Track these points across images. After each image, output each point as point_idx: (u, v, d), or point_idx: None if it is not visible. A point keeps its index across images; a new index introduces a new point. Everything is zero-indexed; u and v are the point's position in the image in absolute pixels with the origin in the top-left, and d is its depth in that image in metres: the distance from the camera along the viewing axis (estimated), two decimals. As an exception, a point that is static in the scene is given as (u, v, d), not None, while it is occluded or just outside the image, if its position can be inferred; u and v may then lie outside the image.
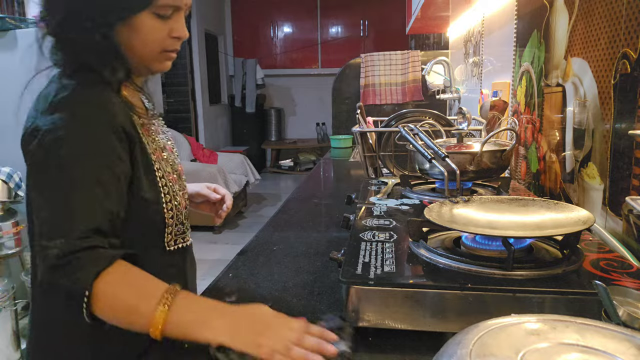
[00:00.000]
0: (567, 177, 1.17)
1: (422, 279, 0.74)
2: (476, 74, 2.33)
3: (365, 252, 0.82)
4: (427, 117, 1.58)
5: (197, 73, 6.34)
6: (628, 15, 0.89)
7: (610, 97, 0.95)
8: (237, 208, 5.08)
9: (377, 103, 3.70)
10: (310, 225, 1.41)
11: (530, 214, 0.82)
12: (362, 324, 0.71)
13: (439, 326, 0.70)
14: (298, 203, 1.70)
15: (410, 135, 1.20)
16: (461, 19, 2.66)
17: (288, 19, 7.47)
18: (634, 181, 0.87)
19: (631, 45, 0.87)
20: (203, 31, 6.45)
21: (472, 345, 0.45)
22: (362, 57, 3.72)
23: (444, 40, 3.64)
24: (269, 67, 7.43)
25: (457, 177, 1.01)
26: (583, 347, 0.45)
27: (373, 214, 1.06)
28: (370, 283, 0.71)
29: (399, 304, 0.70)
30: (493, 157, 1.18)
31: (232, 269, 1.09)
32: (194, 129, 6.45)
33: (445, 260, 0.76)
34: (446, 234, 0.90)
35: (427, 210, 0.85)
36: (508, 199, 0.92)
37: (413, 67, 3.60)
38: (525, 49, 1.50)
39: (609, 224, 0.96)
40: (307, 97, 7.66)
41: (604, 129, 0.98)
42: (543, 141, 1.34)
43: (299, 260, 1.12)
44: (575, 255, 0.76)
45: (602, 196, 1.00)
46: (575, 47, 1.12)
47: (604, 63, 0.98)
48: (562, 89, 1.20)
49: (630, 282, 0.69)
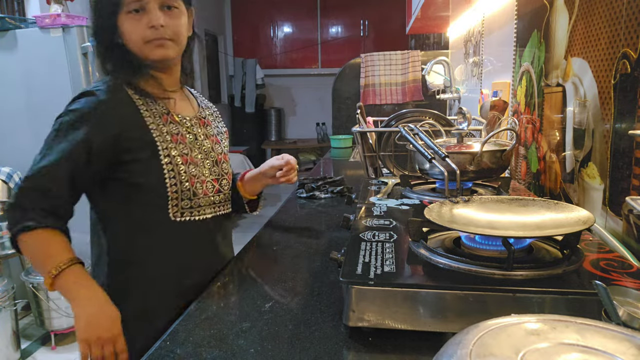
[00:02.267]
0: (567, 177, 1.17)
1: (422, 279, 0.74)
2: (476, 74, 2.33)
3: (365, 252, 0.82)
4: (427, 117, 1.58)
5: (197, 73, 6.33)
6: (628, 15, 0.89)
7: (610, 97, 0.95)
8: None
9: (377, 103, 3.70)
10: (310, 225, 1.41)
11: (530, 214, 0.82)
12: (362, 324, 0.71)
13: (439, 326, 0.70)
14: (298, 203, 1.70)
15: (410, 135, 1.19)
16: (461, 19, 2.66)
17: (288, 19, 7.46)
18: (634, 181, 0.87)
19: (631, 45, 0.87)
20: (203, 31, 6.44)
21: (472, 345, 0.45)
22: (362, 57, 3.72)
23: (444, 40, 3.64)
24: (269, 67, 7.42)
25: (457, 177, 1.01)
26: (583, 347, 0.45)
27: (373, 214, 1.06)
28: (370, 283, 0.71)
29: (399, 304, 0.70)
30: (493, 157, 1.18)
31: (232, 269, 1.09)
32: (194, 129, 6.43)
33: (445, 260, 0.76)
34: (446, 234, 0.90)
35: (427, 210, 0.84)
36: (508, 199, 0.92)
37: (413, 67, 3.60)
38: (526, 48, 1.50)
39: (609, 224, 0.96)
40: (307, 97, 7.65)
41: (604, 129, 0.98)
42: (543, 141, 1.34)
43: (299, 260, 1.12)
44: (575, 255, 0.76)
45: (602, 196, 1.00)
46: (576, 47, 1.12)
47: (604, 63, 0.98)
48: (562, 89, 1.20)
49: (630, 282, 0.69)
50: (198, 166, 1.11)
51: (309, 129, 7.56)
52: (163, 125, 1.07)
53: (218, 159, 1.18)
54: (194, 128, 1.14)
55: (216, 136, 1.21)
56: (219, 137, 1.22)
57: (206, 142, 1.16)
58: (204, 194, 1.12)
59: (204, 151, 1.14)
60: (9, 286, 2.48)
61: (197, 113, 1.19)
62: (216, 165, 1.17)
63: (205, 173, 1.13)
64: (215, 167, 1.16)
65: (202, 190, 1.11)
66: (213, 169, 1.16)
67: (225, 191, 1.20)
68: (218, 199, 1.16)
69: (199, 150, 1.12)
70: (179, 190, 1.06)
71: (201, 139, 1.15)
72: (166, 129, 1.07)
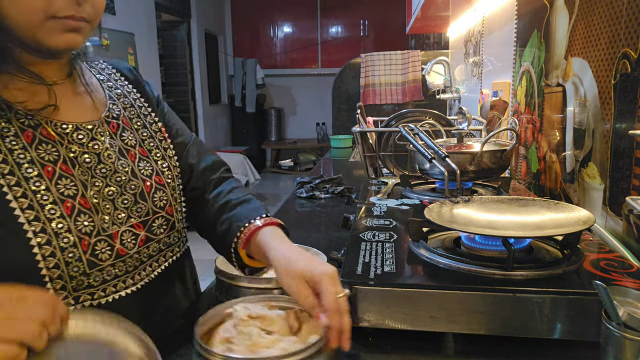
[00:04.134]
0: (567, 177, 1.17)
1: (422, 279, 0.74)
2: (476, 74, 2.33)
3: (365, 252, 0.81)
4: (427, 117, 1.58)
5: (197, 73, 6.33)
6: (628, 15, 0.89)
7: (611, 97, 0.95)
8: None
9: (377, 103, 3.70)
10: (310, 225, 1.41)
11: (530, 214, 0.82)
12: (362, 324, 0.71)
13: (439, 326, 0.70)
14: (298, 203, 1.70)
15: (411, 135, 1.19)
16: (461, 18, 2.66)
17: (288, 19, 7.47)
18: (634, 181, 0.87)
19: (631, 45, 0.87)
20: (203, 31, 6.45)
21: None
22: (362, 57, 3.72)
23: (444, 40, 3.64)
24: (269, 67, 7.42)
25: (457, 177, 1.01)
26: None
27: (373, 214, 1.06)
28: (370, 283, 0.71)
29: (399, 304, 0.70)
30: (493, 157, 1.18)
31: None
32: (194, 128, 6.44)
33: (445, 260, 0.76)
34: (446, 234, 0.90)
35: (427, 210, 0.84)
36: (508, 199, 0.92)
37: (413, 67, 3.60)
38: (526, 48, 1.50)
39: (609, 224, 0.96)
40: (307, 97, 7.66)
41: (604, 129, 0.98)
42: (543, 141, 1.34)
43: (299, 260, 1.11)
44: (575, 255, 0.76)
45: (602, 196, 1.00)
46: (576, 47, 1.12)
47: (604, 63, 0.98)
48: (562, 88, 1.20)
49: (630, 282, 0.69)
50: (100, 212, 0.68)
51: (309, 129, 7.57)
52: (24, 151, 0.63)
53: (145, 188, 0.74)
54: (95, 142, 0.70)
55: (141, 145, 0.77)
56: (147, 143, 0.79)
57: (121, 162, 0.73)
58: (116, 256, 0.69)
59: (116, 181, 0.71)
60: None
61: (104, 113, 0.75)
62: (141, 199, 0.73)
63: (120, 218, 0.70)
64: (139, 204, 0.73)
65: (109, 253, 0.68)
66: (135, 208, 0.72)
67: (161, 235, 0.76)
68: (148, 253, 0.74)
69: (103, 181, 0.69)
70: (61, 267, 0.63)
71: (111, 160, 0.71)
72: (30, 157, 0.64)
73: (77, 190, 0.66)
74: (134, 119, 0.80)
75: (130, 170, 0.74)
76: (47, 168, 0.65)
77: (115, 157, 0.72)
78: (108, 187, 0.70)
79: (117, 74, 0.83)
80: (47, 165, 0.65)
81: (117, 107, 0.78)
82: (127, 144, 0.76)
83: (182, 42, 6.13)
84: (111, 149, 0.72)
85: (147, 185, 0.75)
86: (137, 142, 0.78)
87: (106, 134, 0.73)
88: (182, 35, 6.11)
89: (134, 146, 0.77)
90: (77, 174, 0.67)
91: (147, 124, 0.81)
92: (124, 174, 0.73)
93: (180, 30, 6.11)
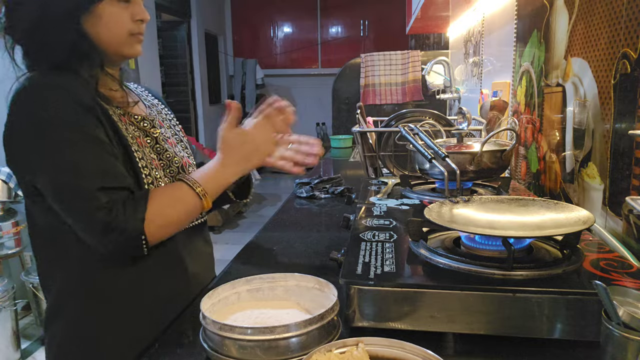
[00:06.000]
0: (567, 177, 1.17)
1: (422, 279, 0.74)
2: (476, 74, 2.33)
3: (365, 252, 0.82)
4: (427, 117, 1.58)
5: (197, 73, 6.34)
6: (628, 15, 0.89)
7: (610, 97, 0.95)
8: (237, 208, 5.08)
9: (377, 103, 3.70)
10: (310, 225, 1.41)
11: (530, 214, 0.82)
12: (362, 324, 0.71)
13: (439, 326, 0.70)
14: (298, 203, 1.70)
15: (410, 135, 1.19)
16: (461, 19, 2.66)
17: (288, 19, 7.47)
18: (634, 181, 0.87)
19: (631, 45, 0.87)
20: (203, 31, 6.45)
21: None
22: (362, 57, 3.73)
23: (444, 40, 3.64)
24: (269, 67, 7.43)
25: (457, 177, 1.01)
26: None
27: (373, 214, 1.06)
28: (370, 283, 0.71)
29: (399, 304, 0.70)
30: (493, 157, 1.18)
31: (232, 269, 1.09)
32: (194, 128, 6.45)
33: (445, 260, 0.76)
34: (446, 234, 0.90)
35: (427, 210, 0.84)
36: (508, 199, 0.92)
37: (413, 67, 3.60)
38: (525, 48, 1.50)
39: (609, 224, 0.96)
40: (307, 97, 7.66)
41: (604, 129, 0.98)
42: (543, 141, 1.34)
43: (299, 260, 1.12)
44: (575, 255, 0.76)
45: (602, 196, 1.00)
46: (575, 47, 1.12)
47: (604, 63, 0.98)
48: (562, 89, 1.20)
49: (630, 282, 0.69)
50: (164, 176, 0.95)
51: (309, 129, 7.56)
52: (125, 130, 0.91)
53: (183, 164, 1.01)
54: (154, 129, 0.98)
55: (173, 138, 1.05)
56: (175, 137, 1.06)
57: (166, 145, 0.99)
58: None
59: (166, 157, 0.98)
60: (9, 286, 2.48)
61: (146, 114, 1.01)
62: (182, 171, 1.00)
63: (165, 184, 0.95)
64: (180, 175, 0.98)
65: None
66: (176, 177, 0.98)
67: None
68: None
69: (157, 157, 0.96)
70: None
71: (163, 142, 0.99)
72: (131, 134, 0.91)
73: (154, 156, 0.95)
74: (164, 121, 1.07)
75: (172, 152, 1.00)
76: (138, 141, 0.92)
77: (164, 141, 0.99)
78: (161, 160, 0.96)
79: (145, 92, 1.10)
80: (138, 139, 0.92)
81: (153, 111, 1.04)
82: (165, 135, 1.01)
83: (182, 42, 6.14)
84: (162, 136, 0.99)
85: (184, 162, 1.02)
86: (171, 135, 1.05)
87: (157, 125, 0.99)
88: (182, 36, 6.12)
89: (170, 137, 1.03)
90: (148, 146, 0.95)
91: (172, 125, 1.09)
92: (171, 153, 0.99)
93: (180, 31, 6.11)
